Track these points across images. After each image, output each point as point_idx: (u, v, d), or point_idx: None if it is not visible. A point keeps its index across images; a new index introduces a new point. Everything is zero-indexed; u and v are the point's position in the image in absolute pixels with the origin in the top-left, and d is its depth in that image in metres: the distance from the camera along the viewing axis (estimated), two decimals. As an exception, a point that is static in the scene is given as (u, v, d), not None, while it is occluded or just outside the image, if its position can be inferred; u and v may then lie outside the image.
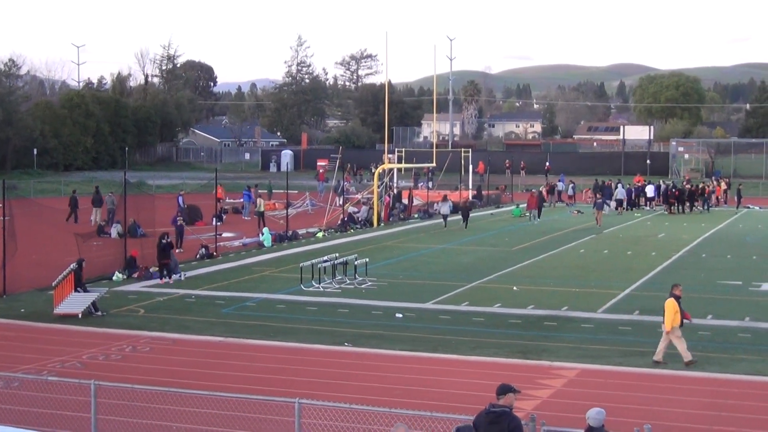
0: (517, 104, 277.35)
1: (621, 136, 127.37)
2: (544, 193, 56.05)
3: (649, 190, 68.71)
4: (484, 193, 71.70)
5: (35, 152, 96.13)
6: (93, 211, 54.51)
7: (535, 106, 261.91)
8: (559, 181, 77.78)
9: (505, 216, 61.27)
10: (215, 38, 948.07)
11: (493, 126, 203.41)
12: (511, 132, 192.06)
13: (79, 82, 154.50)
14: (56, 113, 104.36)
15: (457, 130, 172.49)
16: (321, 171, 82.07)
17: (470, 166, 75.29)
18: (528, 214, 56.54)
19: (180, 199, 53.69)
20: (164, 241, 32.94)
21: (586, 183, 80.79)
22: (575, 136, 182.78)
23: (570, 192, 73.89)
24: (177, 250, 39.00)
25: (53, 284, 27.40)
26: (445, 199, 55.39)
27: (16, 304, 28.51)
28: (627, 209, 65.17)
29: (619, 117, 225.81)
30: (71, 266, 27.48)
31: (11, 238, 30.96)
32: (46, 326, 25.47)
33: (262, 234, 44.51)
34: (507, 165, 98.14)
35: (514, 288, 31.58)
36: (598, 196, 60.00)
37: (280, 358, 21.65)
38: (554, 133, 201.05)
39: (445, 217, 53.23)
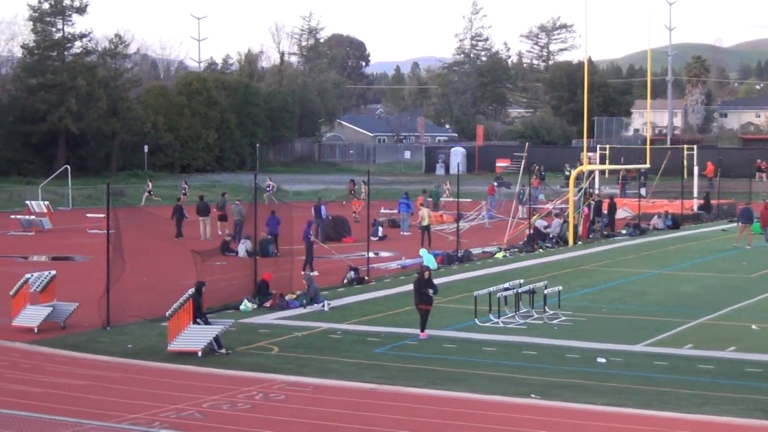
0: (758, 87, 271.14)
1: None
2: None
3: None
4: (713, 202, 70.37)
5: (146, 149, 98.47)
6: (200, 223, 55.16)
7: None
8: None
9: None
10: (368, 6, 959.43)
11: (726, 116, 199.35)
12: (749, 123, 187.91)
13: (199, 63, 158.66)
14: (172, 101, 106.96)
15: (678, 121, 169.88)
16: (494, 183, 78.72)
17: (695, 168, 74.04)
18: (764, 232, 55.17)
19: (322, 208, 54.15)
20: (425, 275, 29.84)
21: None
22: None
23: None
24: (313, 273, 39.20)
25: (167, 314, 27.94)
26: None
27: (122, 338, 29.26)
28: None
29: None
30: (189, 292, 27.93)
31: (117, 255, 31.31)
32: (159, 366, 26.05)
33: (427, 254, 44.66)
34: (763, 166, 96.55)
35: (754, 327, 30.94)
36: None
37: (448, 412, 21.67)
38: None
39: None
